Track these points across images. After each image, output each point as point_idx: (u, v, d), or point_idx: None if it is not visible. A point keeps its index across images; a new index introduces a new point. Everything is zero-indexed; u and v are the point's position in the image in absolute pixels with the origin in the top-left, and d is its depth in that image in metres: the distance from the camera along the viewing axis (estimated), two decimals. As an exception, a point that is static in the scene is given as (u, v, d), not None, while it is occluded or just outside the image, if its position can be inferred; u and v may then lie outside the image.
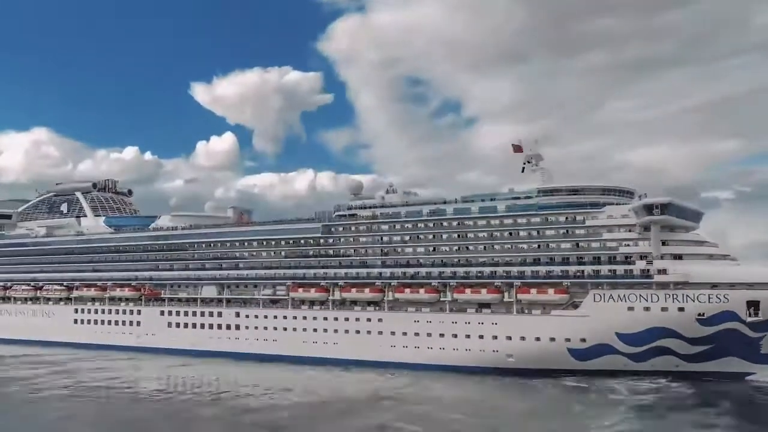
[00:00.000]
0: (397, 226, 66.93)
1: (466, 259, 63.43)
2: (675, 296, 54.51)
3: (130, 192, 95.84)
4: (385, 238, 67.23)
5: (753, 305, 53.10)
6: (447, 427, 39.86)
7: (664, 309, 54.65)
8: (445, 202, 66.17)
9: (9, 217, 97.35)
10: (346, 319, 65.90)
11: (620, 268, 57.37)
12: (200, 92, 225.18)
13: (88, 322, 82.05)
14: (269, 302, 71.17)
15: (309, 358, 65.02)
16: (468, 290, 61.63)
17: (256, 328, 70.11)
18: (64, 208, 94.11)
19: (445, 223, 64.83)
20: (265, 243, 72.64)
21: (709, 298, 53.72)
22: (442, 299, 63.12)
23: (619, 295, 56.03)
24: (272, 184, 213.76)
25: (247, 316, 71.05)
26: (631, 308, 55.47)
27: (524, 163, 66.12)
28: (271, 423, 40.53)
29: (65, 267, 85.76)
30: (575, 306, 57.73)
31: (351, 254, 68.38)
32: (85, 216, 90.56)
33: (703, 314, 53.69)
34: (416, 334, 62.54)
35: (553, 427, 40.59)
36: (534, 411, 44.81)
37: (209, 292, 74.38)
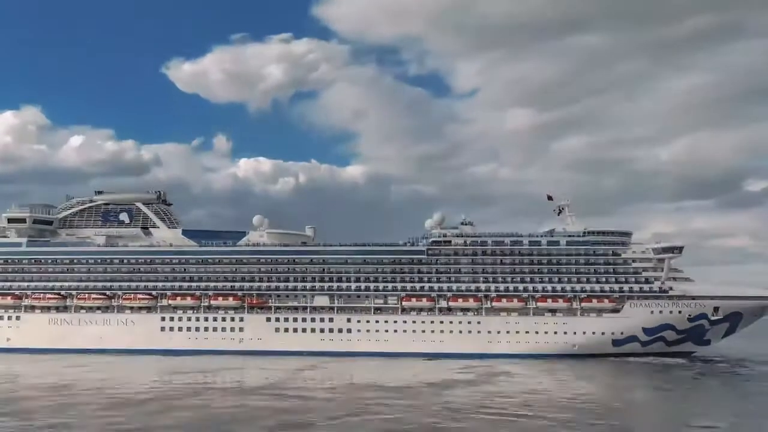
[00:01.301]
0: (488, 251, 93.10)
1: (539, 278, 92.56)
2: (677, 304, 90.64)
3: (169, 203, 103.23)
4: (478, 260, 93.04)
5: (716, 309, 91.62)
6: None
7: (671, 312, 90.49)
8: (521, 236, 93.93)
9: (50, 223, 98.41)
10: (451, 322, 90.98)
11: (645, 286, 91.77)
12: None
13: (179, 329, 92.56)
14: (378, 310, 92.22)
15: (418, 353, 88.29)
16: (548, 300, 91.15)
17: (368, 331, 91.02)
18: (124, 217, 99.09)
19: (524, 251, 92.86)
20: (375, 261, 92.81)
21: (695, 305, 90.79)
22: (527, 306, 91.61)
23: (644, 304, 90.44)
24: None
25: (359, 321, 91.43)
26: (651, 312, 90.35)
27: (559, 210, 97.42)
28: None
29: (155, 276, 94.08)
30: (617, 311, 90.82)
31: (451, 272, 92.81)
32: (156, 227, 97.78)
33: (691, 315, 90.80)
34: (507, 332, 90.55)
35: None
36: (662, 387, 75.14)
37: (321, 301, 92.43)
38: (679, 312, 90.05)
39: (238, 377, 70.51)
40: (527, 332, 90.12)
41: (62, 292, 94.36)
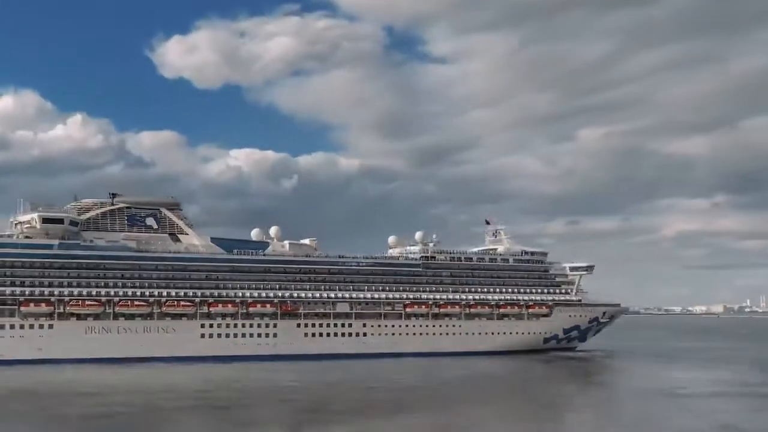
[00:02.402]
0: (461, 267, 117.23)
1: (499, 290, 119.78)
2: (584, 310, 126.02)
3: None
4: (457, 274, 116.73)
5: (604, 314, 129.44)
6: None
7: (580, 316, 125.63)
8: (483, 254, 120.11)
9: (76, 224, 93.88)
10: (440, 326, 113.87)
11: (566, 297, 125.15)
12: None
13: (218, 336, 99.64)
14: (385, 315, 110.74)
15: (424, 352, 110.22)
16: (508, 307, 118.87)
17: (380, 334, 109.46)
18: (151, 222, 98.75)
19: (478, 267, 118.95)
20: (381, 272, 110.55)
21: (593, 311, 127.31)
22: (493, 312, 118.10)
23: (564, 310, 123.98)
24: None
25: (372, 326, 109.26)
26: (569, 316, 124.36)
27: (494, 233, 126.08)
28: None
29: (198, 283, 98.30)
30: (548, 315, 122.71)
31: (438, 283, 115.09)
32: (184, 233, 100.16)
33: (590, 318, 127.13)
34: (479, 333, 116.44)
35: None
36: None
37: (342, 308, 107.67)
38: (583, 316, 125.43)
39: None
40: (495, 333, 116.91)
41: (102, 299, 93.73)
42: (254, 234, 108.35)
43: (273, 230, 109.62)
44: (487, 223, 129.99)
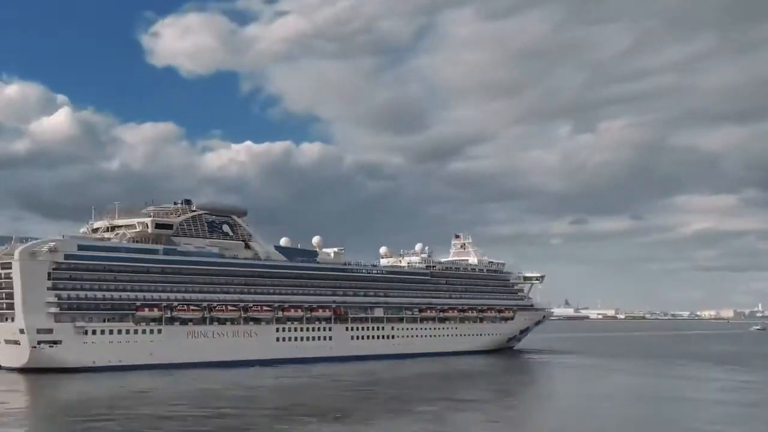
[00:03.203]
0: (455, 276, 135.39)
1: (479, 296, 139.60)
2: (535, 314, 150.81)
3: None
4: (452, 282, 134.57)
5: (544, 317, 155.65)
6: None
7: (531, 319, 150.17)
8: (466, 267, 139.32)
9: (170, 227, 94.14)
10: (445, 329, 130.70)
11: (523, 303, 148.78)
12: None
13: (289, 339, 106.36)
14: (405, 319, 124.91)
15: (430, 352, 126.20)
16: (488, 311, 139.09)
17: (402, 336, 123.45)
18: (227, 230, 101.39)
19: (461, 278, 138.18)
20: (399, 280, 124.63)
21: (539, 314, 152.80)
22: (477, 316, 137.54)
23: (522, 314, 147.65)
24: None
25: (397, 329, 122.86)
26: (525, 319, 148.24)
27: (462, 245, 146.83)
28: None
29: (271, 289, 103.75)
30: (512, 318, 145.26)
31: (439, 290, 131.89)
32: (252, 240, 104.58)
33: (536, 321, 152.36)
34: (469, 335, 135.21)
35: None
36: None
37: (378, 312, 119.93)
38: (532, 319, 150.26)
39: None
40: (480, 334, 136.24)
41: (204, 304, 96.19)
42: (315, 241, 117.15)
43: (315, 240, 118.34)
44: (456, 236, 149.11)
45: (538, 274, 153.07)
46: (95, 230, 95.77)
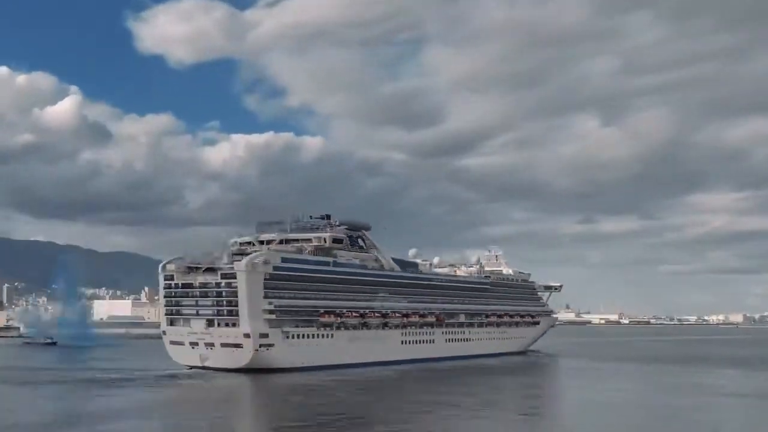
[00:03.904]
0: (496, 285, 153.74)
1: (519, 303, 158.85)
2: (551, 319, 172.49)
3: None
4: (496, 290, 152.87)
5: (555, 323, 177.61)
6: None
7: (548, 323, 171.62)
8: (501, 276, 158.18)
9: (341, 241, 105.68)
10: (490, 332, 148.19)
11: (546, 309, 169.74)
12: None
13: (409, 342, 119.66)
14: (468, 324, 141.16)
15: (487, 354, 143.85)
16: (525, 317, 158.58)
17: (470, 339, 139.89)
18: (361, 243, 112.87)
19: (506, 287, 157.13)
20: (461, 287, 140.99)
21: (553, 320, 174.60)
22: (515, 320, 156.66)
23: (543, 319, 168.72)
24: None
25: (468, 332, 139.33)
26: (546, 323, 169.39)
27: (495, 257, 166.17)
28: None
29: (406, 299, 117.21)
30: (537, 323, 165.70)
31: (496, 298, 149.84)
32: (379, 254, 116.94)
33: (551, 326, 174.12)
34: (511, 338, 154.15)
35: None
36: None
37: (459, 318, 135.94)
38: (549, 323, 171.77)
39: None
40: (516, 337, 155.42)
41: (364, 311, 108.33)
42: (411, 253, 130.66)
43: (412, 252, 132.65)
44: (489, 250, 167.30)
45: (558, 284, 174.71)
46: (262, 242, 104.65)
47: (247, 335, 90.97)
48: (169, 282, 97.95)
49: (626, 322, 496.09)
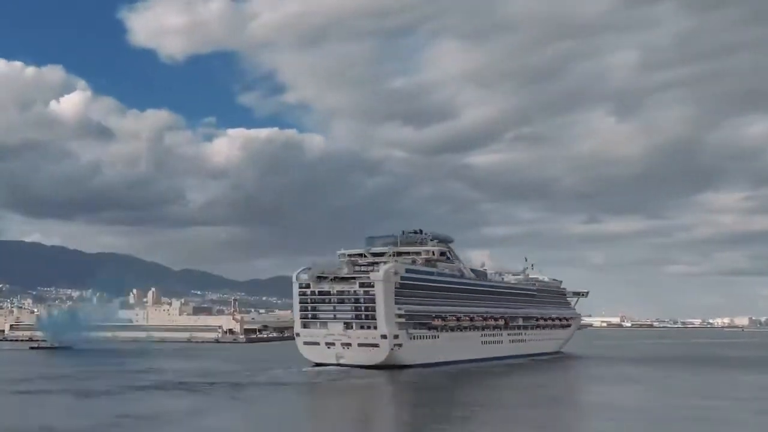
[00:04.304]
0: (543, 291, 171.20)
1: (554, 307, 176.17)
2: (578, 322, 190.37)
3: None
4: (542, 295, 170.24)
5: (580, 326, 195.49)
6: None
7: (575, 326, 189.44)
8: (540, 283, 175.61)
9: (445, 253, 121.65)
10: (539, 333, 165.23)
11: (574, 312, 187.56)
12: None
13: (487, 342, 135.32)
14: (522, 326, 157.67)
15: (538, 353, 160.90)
16: (560, 320, 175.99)
17: (525, 340, 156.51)
18: (451, 256, 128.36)
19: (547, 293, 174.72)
20: (516, 294, 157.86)
21: (578, 323, 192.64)
22: (555, 323, 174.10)
23: (573, 322, 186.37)
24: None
25: (522, 334, 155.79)
26: (574, 326, 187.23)
27: (531, 265, 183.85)
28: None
29: (491, 304, 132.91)
30: (569, 326, 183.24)
31: (542, 303, 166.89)
32: (462, 264, 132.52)
33: (577, 329, 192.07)
34: (549, 340, 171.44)
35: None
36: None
37: (518, 321, 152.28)
38: (576, 326, 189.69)
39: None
40: (554, 339, 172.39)
41: (460, 315, 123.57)
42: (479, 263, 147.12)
43: (483, 259, 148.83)
44: (526, 260, 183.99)
45: (585, 290, 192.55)
46: (374, 254, 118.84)
47: (383, 336, 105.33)
48: (305, 290, 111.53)
49: (628, 325, 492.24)
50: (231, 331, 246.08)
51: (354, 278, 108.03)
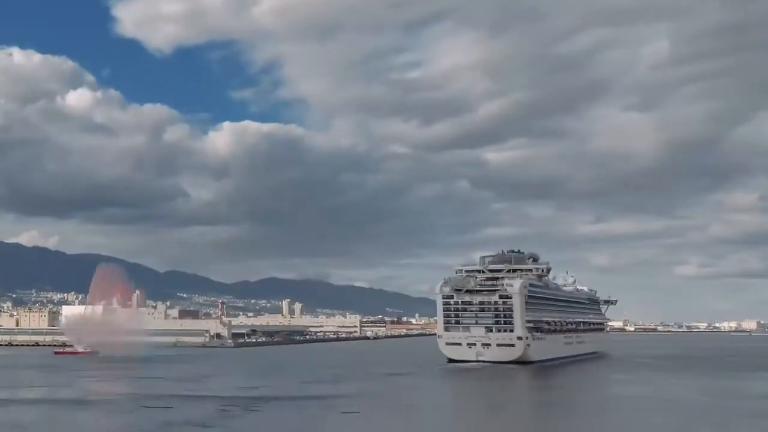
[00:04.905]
0: (589, 300, 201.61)
1: (593, 315, 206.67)
2: (606, 327, 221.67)
3: None
4: (587, 304, 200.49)
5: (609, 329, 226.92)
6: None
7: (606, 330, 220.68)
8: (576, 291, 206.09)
9: (549, 270, 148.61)
10: (586, 337, 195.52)
11: (604, 318, 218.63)
12: None
13: (563, 344, 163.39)
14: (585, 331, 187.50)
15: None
16: (595, 324, 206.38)
17: (582, 342, 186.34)
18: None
19: (593, 302, 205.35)
20: (580, 303, 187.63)
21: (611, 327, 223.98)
22: (591, 327, 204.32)
23: (605, 327, 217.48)
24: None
25: (583, 338, 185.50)
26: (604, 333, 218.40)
27: (574, 280, 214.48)
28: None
29: (564, 311, 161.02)
30: (604, 330, 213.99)
31: (590, 311, 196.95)
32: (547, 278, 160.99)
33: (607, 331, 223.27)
34: (588, 342, 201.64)
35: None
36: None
37: (578, 326, 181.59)
38: (606, 330, 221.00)
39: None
40: (595, 342, 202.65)
41: (553, 320, 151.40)
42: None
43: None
44: (567, 272, 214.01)
45: (615, 299, 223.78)
46: (491, 271, 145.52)
47: (519, 338, 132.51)
48: (448, 300, 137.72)
49: (632, 329, 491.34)
50: (218, 336, 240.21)
51: (494, 290, 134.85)
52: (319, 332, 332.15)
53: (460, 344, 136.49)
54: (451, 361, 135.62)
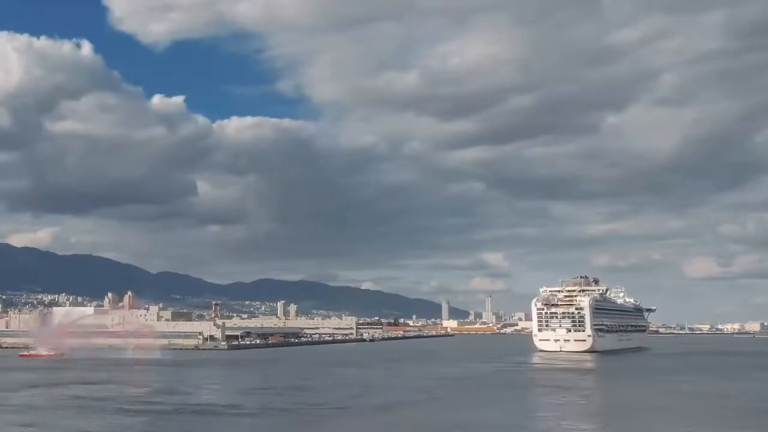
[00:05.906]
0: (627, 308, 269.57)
1: (633, 319, 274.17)
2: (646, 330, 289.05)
3: None
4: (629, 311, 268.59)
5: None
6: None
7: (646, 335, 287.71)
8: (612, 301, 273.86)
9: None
10: (633, 337, 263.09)
11: (645, 323, 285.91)
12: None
13: (620, 340, 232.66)
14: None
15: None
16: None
17: (626, 339, 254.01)
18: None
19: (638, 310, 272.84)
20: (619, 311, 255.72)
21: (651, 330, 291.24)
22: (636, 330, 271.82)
23: (645, 330, 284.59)
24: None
25: (631, 337, 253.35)
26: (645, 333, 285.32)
27: (622, 293, 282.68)
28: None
29: (614, 318, 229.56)
30: (645, 331, 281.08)
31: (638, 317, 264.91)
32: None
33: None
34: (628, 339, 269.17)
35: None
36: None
37: (629, 328, 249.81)
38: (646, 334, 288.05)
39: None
40: (641, 339, 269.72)
41: (615, 324, 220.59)
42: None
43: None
44: (618, 288, 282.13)
45: (654, 307, 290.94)
46: (569, 290, 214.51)
47: (589, 336, 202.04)
48: (541, 310, 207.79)
49: None
50: (212, 338, 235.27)
51: (571, 304, 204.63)
52: (315, 334, 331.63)
53: (548, 340, 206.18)
54: (541, 351, 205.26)
